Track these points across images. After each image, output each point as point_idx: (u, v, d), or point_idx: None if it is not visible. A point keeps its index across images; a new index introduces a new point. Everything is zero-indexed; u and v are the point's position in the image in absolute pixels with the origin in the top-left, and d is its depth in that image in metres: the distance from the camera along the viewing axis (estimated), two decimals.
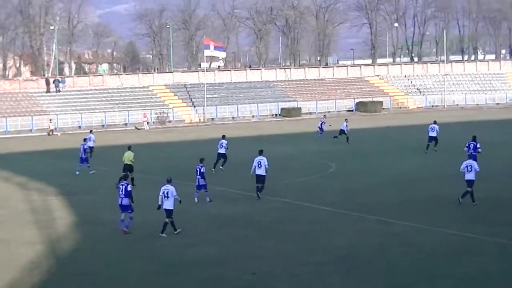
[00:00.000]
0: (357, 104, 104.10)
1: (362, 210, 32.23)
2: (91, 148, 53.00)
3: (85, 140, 49.12)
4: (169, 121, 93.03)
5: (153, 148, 63.31)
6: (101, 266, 24.84)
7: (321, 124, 66.00)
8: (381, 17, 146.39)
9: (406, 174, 42.91)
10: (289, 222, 30.75)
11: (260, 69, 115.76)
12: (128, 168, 40.68)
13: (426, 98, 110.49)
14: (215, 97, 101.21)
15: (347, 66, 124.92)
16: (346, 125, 62.52)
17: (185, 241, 27.67)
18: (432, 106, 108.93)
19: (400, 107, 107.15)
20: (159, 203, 28.87)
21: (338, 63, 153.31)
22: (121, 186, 29.36)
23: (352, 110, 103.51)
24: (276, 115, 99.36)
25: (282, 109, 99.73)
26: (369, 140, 64.06)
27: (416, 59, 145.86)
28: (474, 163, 33.33)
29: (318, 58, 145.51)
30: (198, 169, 34.96)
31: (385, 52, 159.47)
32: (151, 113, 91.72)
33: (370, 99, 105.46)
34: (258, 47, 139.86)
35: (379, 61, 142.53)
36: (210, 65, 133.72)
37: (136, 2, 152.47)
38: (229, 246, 26.97)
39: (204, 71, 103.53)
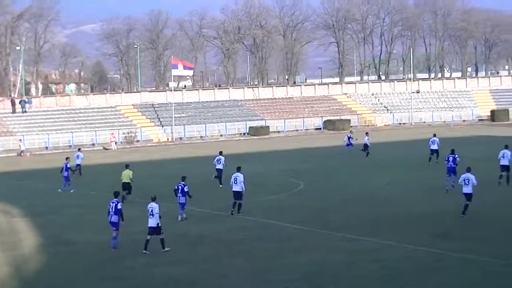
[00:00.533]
0: (325, 122, 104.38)
1: (330, 228, 32.30)
2: (78, 165, 54.04)
3: (67, 158, 48.86)
4: (137, 141, 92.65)
5: (121, 168, 62.91)
6: (67, 287, 24.63)
7: (349, 139, 66.30)
8: (348, 36, 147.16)
9: (374, 191, 43.05)
10: (258, 240, 30.71)
11: (228, 88, 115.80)
12: (126, 186, 41.69)
13: (393, 115, 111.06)
14: (183, 117, 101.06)
15: (315, 85, 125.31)
16: (368, 139, 63.66)
17: (154, 260, 27.52)
18: (400, 123, 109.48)
19: (368, 125, 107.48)
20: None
21: (306, 81, 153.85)
22: (111, 204, 29.69)
23: (320, 129, 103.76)
24: (244, 133, 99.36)
25: (250, 127, 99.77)
26: (337, 158, 64.18)
27: (383, 77, 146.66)
28: (472, 177, 33.71)
29: (286, 77, 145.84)
30: (180, 187, 35.08)
31: (353, 71, 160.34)
32: (118, 133, 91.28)
33: (338, 117, 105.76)
34: (226, 66, 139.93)
35: (346, 79, 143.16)
36: (178, 84, 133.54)
37: (103, 22, 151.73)
38: (197, 265, 26.84)
39: (172, 90, 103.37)
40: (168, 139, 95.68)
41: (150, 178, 51.46)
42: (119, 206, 29.55)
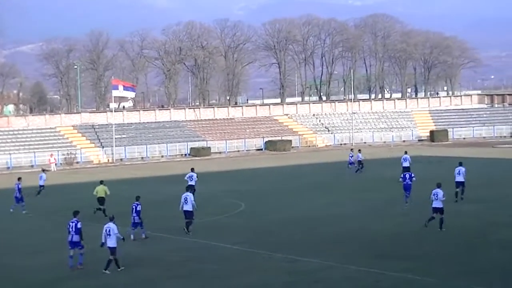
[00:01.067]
0: (267, 143, 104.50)
1: (271, 249, 32.21)
2: (41, 186, 55.13)
3: (19, 179, 48.27)
4: (77, 162, 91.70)
5: (61, 190, 62.21)
6: None
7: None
8: (289, 57, 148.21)
9: (314, 212, 43.16)
10: (198, 261, 30.50)
11: (169, 109, 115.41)
12: (102, 200, 43.74)
13: (334, 136, 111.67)
14: (124, 138, 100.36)
15: (256, 106, 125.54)
16: (360, 155, 65.65)
17: (91, 283, 27.17)
18: (341, 144, 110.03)
19: (309, 146, 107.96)
20: (102, 241, 29.06)
21: (247, 102, 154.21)
22: (71, 223, 29.65)
23: (262, 149, 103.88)
24: (185, 154, 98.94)
25: (191, 148, 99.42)
26: (278, 178, 64.27)
27: (324, 98, 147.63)
28: (440, 192, 35.15)
29: (228, 98, 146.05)
30: (134, 207, 35.41)
31: (294, 91, 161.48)
32: (58, 154, 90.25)
33: (279, 138, 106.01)
34: (167, 87, 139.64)
35: (288, 100, 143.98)
36: (119, 105, 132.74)
37: (43, 42, 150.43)
38: (136, 287, 26.52)
39: (112, 111, 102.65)
40: (108, 160, 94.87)
41: (89, 200, 50.79)
42: (79, 225, 29.57)
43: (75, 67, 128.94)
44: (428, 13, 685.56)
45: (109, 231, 28.85)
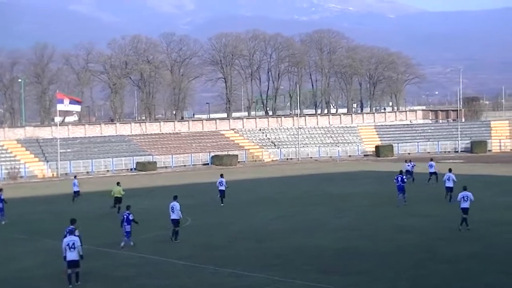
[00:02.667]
0: (213, 157, 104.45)
1: (218, 264, 32.16)
2: (76, 192, 59.48)
3: (0, 190, 48.12)
4: (21, 177, 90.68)
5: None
6: None
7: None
8: (236, 72, 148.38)
9: (260, 226, 43.22)
10: (145, 277, 30.32)
11: (115, 123, 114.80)
12: (119, 200, 49.87)
13: (280, 151, 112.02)
14: (69, 152, 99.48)
15: (202, 120, 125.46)
16: (409, 165, 65.87)
17: None
18: (287, 159, 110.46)
19: (255, 160, 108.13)
20: (63, 254, 28.84)
21: (193, 117, 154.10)
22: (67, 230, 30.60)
23: (208, 164, 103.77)
24: (131, 169, 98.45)
25: (137, 163, 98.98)
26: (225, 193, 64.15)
27: (270, 112, 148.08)
28: (470, 194, 38.60)
29: (174, 112, 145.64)
30: (125, 216, 36.47)
31: (240, 106, 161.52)
32: (1, 169, 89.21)
33: (226, 153, 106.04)
34: (113, 101, 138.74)
35: (234, 115, 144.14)
36: (64, 119, 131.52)
37: None
38: None
39: (57, 125, 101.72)
40: (53, 174, 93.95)
41: (34, 214, 50.32)
42: (76, 233, 30.32)
43: (19, 80, 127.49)
44: (374, 29, 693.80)
45: (73, 244, 28.74)
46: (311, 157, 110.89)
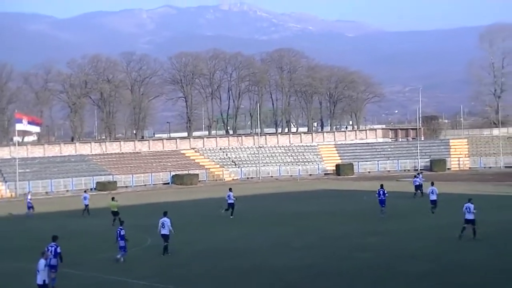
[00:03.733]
0: (173, 177, 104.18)
1: (179, 283, 32.03)
2: (86, 206, 62.82)
3: None
4: None
5: None
6: None
7: (421, 180, 68.93)
8: (196, 91, 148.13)
9: (224, 244, 43.16)
10: None
11: (75, 143, 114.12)
12: (116, 213, 53.86)
13: (241, 170, 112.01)
14: (28, 172, 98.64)
15: (163, 139, 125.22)
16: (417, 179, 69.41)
17: None
18: (248, 178, 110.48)
19: (216, 179, 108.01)
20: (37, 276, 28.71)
21: (154, 136, 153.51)
22: (50, 248, 31.06)
23: (169, 183, 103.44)
24: (91, 189, 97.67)
25: (97, 183, 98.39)
26: (185, 212, 63.96)
27: (231, 131, 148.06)
28: (471, 206, 40.94)
29: (134, 132, 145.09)
30: (118, 231, 37.68)
31: (201, 125, 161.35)
32: None
33: (186, 172, 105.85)
34: (72, 120, 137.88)
35: (195, 134, 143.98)
36: (22, 139, 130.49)
37: None
38: None
39: (16, 145, 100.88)
40: (11, 195, 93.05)
41: None
42: (58, 250, 31.12)
43: None
44: (334, 48, 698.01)
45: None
46: (272, 176, 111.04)
